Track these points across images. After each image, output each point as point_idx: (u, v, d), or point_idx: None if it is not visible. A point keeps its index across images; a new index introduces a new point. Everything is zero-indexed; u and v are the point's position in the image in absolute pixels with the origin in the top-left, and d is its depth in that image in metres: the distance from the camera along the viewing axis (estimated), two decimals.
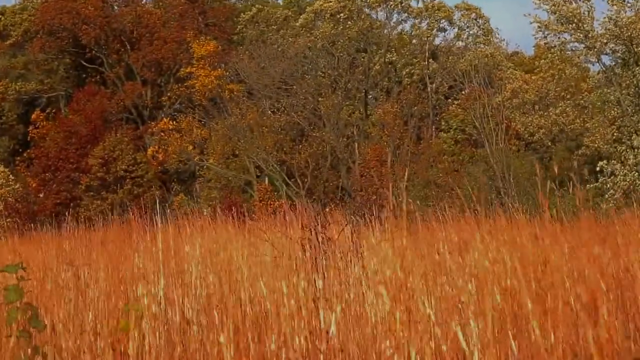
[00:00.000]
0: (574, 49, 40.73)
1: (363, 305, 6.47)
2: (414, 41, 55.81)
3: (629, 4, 37.49)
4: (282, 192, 45.42)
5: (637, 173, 35.77)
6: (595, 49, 38.23)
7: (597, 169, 37.10)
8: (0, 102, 53.76)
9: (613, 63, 39.41)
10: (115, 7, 56.71)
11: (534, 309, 5.43)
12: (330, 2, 56.36)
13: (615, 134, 38.64)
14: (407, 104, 50.10)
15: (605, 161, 36.75)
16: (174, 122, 51.13)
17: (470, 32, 56.07)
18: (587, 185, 38.53)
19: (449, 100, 52.51)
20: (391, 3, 55.22)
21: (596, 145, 39.54)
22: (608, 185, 36.22)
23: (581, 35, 38.43)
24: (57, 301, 7.86)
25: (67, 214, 14.54)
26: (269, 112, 49.83)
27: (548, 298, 5.99)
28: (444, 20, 55.59)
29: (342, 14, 54.25)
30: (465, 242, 8.17)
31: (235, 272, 7.82)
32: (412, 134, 47.75)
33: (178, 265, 8.30)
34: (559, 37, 40.12)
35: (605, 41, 37.72)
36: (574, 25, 38.30)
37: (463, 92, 49.40)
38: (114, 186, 44.84)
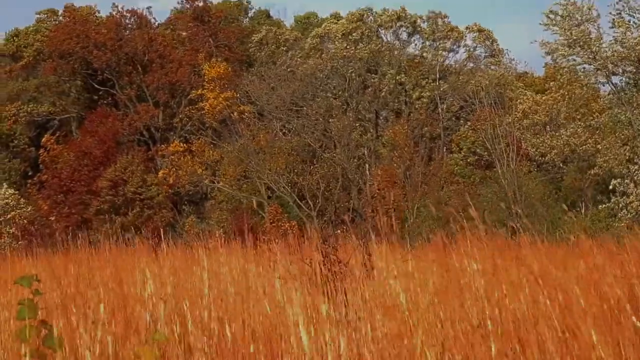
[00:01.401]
0: (583, 70, 40.76)
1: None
2: (424, 62, 55.83)
3: (635, 25, 37.48)
4: (293, 214, 45.37)
5: None
6: (606, 70, 38.20)
7: (610, 187, 36.96)
8: (12, 125, 53.95)
9: (623, 84, 39.39)
10: (127, 31, 56.93)
11: None
12: (336, 24, 56.63)
13: (628, 154, 38.49)
14: (417, 124, 50.14)
15: (618, 180, 36.60)
16: (186, 145, 51.23)
17: (481, 53, 56.18)
18: (600, 206, 38.41)
19: (460, 121, 52.47)
20: (402, 23, 55.42)
21: (609, 165, 39.39)
22: (620, 205, 36.07)
23: (590, 56, 38.43)
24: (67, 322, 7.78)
25: (77, 236, 14.51)
26: (280, 133, 49.91)
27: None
28: (454, 42, 55.63)
29: (355, 34, 54.48)
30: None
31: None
32: (422, 154, 47.70)
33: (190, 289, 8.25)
34: (568, 60, 40.18)
35: (614, 62, 37.70)
36: (581, 47, 38.32)
37: (473, 114, 49.34)
38: (124, 208, 44.86)
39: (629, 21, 37.43)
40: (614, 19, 37.57)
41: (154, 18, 58.82)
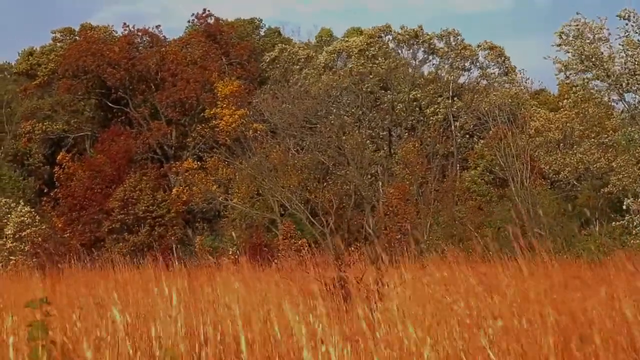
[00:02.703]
0: (596, 87, 40.64)
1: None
2: (439, 79, 55.76)
3: None
4: (306, 231, 45.36)
5: None
6: (620, 87, 38.10)
7: (624, 207, 36.79)
8: (27, 143, 54.26)
9: (637, 101, 39.28)
10: (140, 48, 57.27)
11: None
12: (348, 42, 56.78)
13: None
14: (431, 142, 50.07)
15: (632, 199, 36.43)
16: (199, 162, 51.38)
17: (493, 70, 56.09)
18: (614, 223, 38.22)
19: (474, 139, 52.33)
20: (418, 40, 55.51)
21: (623, 183, 39.22)
22: (635, 223, 35.92)
23: (603, 74, 38.34)
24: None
25: (88, 255, 14.59)
26: (293, 151, 49.96)
27: None
28: (468, 60, 55.57)
29: (372, 49, 54.60)
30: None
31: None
32: (436, 172, 47.59)
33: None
34: (580, 77, 40.07)
35: (627, 80, 37.61)
36: (593, 63, 38.24)
37: (487, 132, 49.26)
38: (136, 227, 44.95)
39: (639, 40, 37.39)
40: (624, 41, 37.56)
41: (164, 36, 59.10)
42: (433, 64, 57.29)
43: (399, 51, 57.28)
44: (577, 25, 38.52)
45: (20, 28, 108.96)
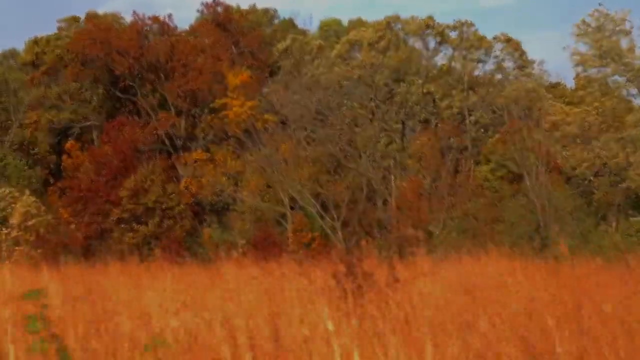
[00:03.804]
0: (614, 81, 40.03)
1: None
2: (453, 71, 54.83)
3: None
4: (317, 225, 44.84)
5: None
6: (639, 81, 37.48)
7: None
8: (33, 132, 53.72)
9: None
10: (150, 37, 56.58)
11: None
12: (364, 32, 55.94)
13: None
14: (445, 135, 49.25)
15: None
16: (208, 153, 50.78)
17: (509, 64, 55.12)
18: (631, 219, 37.63)
19: (488, 132, 51.46)
20: (430, 31, 54.64)
21: None
22: None
23: (622, 68, 37.73)
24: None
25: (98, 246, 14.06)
26: (304, 143, 49.25)
27: None
28: (482, 52, 54.64)
29: (382, 43, 53.75)
30: None
31: None
32: (449, 166, 46.88)
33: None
34: (599, 70, 39.49)
35: None
36: (612, 58, 37.64)
37: (502, 126, 48.48)
38: (145, 217, 44.49)
39: None
40: None
41: (175, 25, 58.42)
42: (445, 54, 56.27)
43: (410, 42, 56.30)
44: (598, 16, 37.93)
45: (29, 19, 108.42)
